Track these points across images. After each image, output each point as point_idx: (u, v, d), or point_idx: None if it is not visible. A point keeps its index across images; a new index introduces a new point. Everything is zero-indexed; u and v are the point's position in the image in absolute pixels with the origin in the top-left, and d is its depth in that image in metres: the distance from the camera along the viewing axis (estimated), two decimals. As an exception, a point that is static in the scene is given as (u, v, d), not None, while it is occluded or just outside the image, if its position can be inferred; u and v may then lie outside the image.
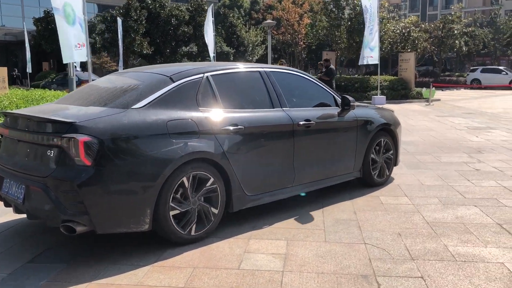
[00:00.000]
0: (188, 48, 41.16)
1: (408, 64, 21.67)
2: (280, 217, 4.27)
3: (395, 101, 19.72)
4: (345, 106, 4.79)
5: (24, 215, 3.56)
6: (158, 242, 3.57)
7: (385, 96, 19.32)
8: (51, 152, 3.17)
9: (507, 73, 32.95)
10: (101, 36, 35.83)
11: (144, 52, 35.38)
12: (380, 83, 20.15)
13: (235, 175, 3.75)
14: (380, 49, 27.01)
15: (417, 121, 12.55)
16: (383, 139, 5.34)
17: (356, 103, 5.03)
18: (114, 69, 38.07)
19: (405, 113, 14.89)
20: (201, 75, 3.83)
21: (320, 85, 4.92)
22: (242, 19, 53.18)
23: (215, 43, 40.39)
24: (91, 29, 37.25)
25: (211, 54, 23.64)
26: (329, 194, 5.00)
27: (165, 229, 3.40)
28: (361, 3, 19.91)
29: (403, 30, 27.34)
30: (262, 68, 4.41)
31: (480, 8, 60.52)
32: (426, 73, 40.94)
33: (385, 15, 25.50)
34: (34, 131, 3.31)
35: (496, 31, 42.19)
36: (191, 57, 42.30)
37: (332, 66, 14.39)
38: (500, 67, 34.88)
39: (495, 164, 6.67)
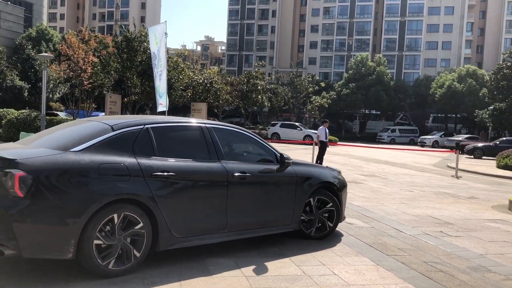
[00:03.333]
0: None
1: (200, 114, 21.25)
2: None
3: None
4: (282, 163, 5.10)
5: None
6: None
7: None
8: None
9: (301, 129, 35.72)
10: None
11: None
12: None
13: (162, 217, 4.07)
14: (181, 97, 26.41)
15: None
16: (323, 197, 5.56)
17: (301, 160, 5.74)
18: None
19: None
20: (141, 126, 4.31)
21: (262, 143, 5.27)
22: (50, 53, 48.04)
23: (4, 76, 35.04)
24: None
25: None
26: None
27: (88, 260, 3.71)
28: (150, 49, 18.68)
29: (205, 81, 27.28)
30: (205, 124, 4.83)
31: (287, 69, 67.02)
32: (235, 124, 42.26)
33: (180, 62, 24.98)
34: None
35: (294, 90, 46.59)
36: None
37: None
38: (296, 123, 37.79)
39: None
